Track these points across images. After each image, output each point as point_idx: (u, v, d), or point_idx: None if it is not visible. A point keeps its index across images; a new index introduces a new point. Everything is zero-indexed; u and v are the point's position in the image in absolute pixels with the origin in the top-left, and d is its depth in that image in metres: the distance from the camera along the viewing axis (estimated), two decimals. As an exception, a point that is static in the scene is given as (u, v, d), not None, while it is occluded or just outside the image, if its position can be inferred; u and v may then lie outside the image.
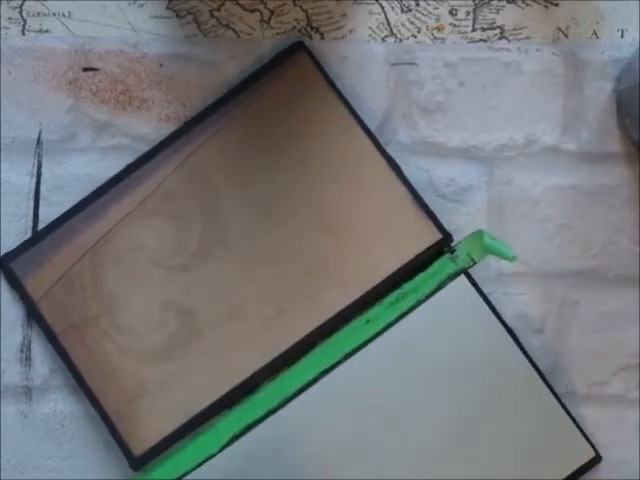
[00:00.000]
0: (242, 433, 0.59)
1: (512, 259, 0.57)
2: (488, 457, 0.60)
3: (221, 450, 0.58)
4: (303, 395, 0.59)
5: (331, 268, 0.60)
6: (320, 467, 0.59)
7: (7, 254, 0.60)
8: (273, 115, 0.60)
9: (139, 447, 0.59)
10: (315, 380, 0.59)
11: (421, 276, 0.59)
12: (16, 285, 0.60)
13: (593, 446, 0.61)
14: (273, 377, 0.59)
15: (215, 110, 0.61)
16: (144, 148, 0.61)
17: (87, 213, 0.60)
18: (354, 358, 0.59)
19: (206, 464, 0.59)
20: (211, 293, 0.60)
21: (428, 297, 0.59)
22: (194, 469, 0.58)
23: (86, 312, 0.60)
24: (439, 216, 0.60)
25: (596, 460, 0.61)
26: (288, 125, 0.60)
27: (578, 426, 0.60)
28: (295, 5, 0.62)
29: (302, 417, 0.59)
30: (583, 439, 0.60)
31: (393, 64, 0.62)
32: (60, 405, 0.61)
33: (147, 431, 0.59)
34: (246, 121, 0.60)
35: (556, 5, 0.62)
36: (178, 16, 0.62)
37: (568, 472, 0.60)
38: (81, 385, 0.60)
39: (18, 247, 0.61)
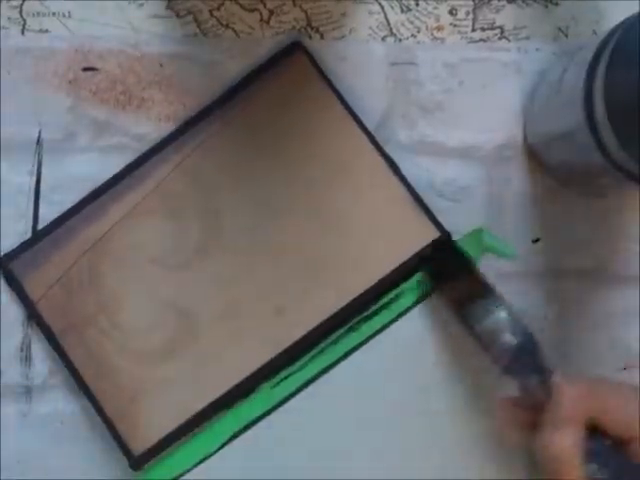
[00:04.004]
0: (240, 432, 0.59)
1: (511, 256, 0.56)
2: (487, 456, 0.60)
3: (219, 449, 0.59)
4: (301, 394, 0.59)
5: (329, 267, 0.60)
6: (317, 466, 0.59)
7: (6, 255, 0.60)
8: (271, 115, 0.60)
9: (139, 446, 0.59)
10: (313, 379, 0.59)
11: (420, 275, 0.59)
12: (15, 285, 0.60)
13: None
14: (272, 377, 0.59)
15: (213, 110, 0.61)
16: (144, 148, 0.61)
17: (86, 213, 0.60)
18: (352, 357, 0.59)
19: (204, 463, 0.59)
20: (210, 292, 0.60)
21: (427, 296, 0.59)
22: (192, 468, 0.59)
23: (85, 312, 0.60)
24: (438, 215, 0.60)
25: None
26: (286, 125, 0.60)
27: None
28: (295, 5, 0.62)
29: (300, 416, 0.59)
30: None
31: (393, 64, 0.62)
32: (60, 405, 0.61)
33: (146, 430, 0.59)
34: (244, 121, 0.60)
35: (556, 5, 0.62)
36: (178, 16, 0.62)
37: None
38: (80, 385, 0.60)
39: (17, 247, 0.61)
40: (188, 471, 0.59)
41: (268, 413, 0.59)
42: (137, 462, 0.59)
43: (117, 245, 0.60)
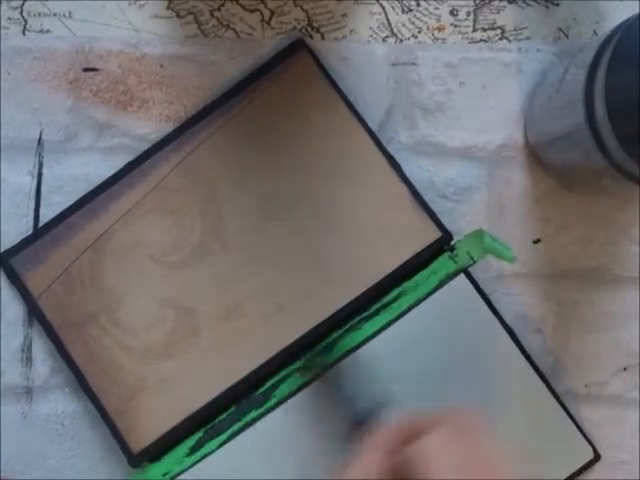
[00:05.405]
0: (240, 431, 0.59)
1: (511, 259, 0.57)
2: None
3: (219, 447, 0.59)
4: (299, 394, 0.59)
5: (331, 266, 0.60)
6: (317, 464, 0.59)
7: (7, 251, 0.61)
8: (274, 113, 0.60)
9: (138, 444, 0.59)
10: (312, 379, 0.59)
11: (421, 274, 0.59)
12: (16, 282, 0.60)
13: (592, 446, 0.61)
14: (271, 376, 0.59)
15: (216, 108, 0.61)
16: (145, 148, 0.61)
17: (87, 210, 0.60)
18: (352, 356, 0.59)
19: (203, 462, 0.59)
20: (210, 290, 0.60)
21: (428, 295, 0.59)
22: (191, 467, 0.59)
23: (86, 309, 0.60)
24: (439, 216, 0.60)
25: (595, 460, 0.61)
26: (288, 123, 0.60)
27: (577, 426, 0.60)
28: (296, 5, 0.62)
29: (298, 416, 0.59)
30: (582, 439, 0.60)
31: (394, 64, 0.62)
32: (61, 405, 0.61)
33: (146, 428, 0.59)
34: (246, 119, 0.61)
35: (557, 5, 0.62)
36: (179, 16, 0.62)
37: (567, 472, 0.60)
38: (80, 382, 0.60)
39: (18, 244, 0.61)
40: (185, 470, 0.59)
41: (267, 412, 0.59)
42: (136, 459, 0.59)
43: (118, 243, 0.60)
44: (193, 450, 0.59)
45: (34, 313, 0.60)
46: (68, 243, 0.60)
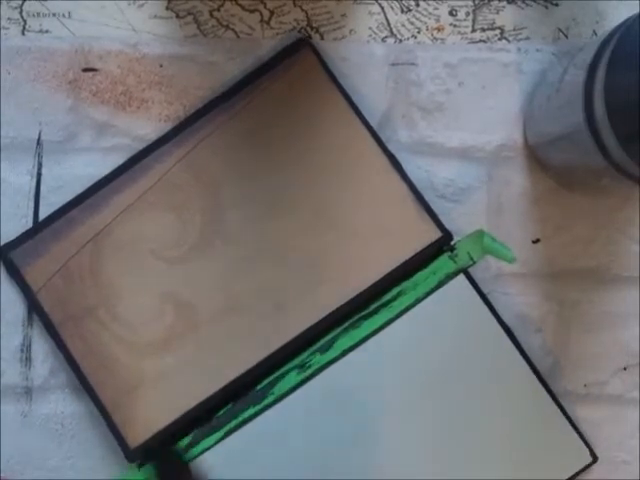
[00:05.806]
0: (237, 427, 0.59)
1: (511, 260, 0.57)
2: (484, 457, 0.60)
3: (215, 444, 0.59)
4: (297, 392, 0.59)
5: (330, 264, 0.60)
6: (312, 467, 0.59)
7: (7, 244, 0.61)
8: (276, 111, 0.61)
9: (135, 439, 0.59)
10: (310, 377, 0.59)
11: (420, 274, 0.59)
12: (16, 275, 0.60)
13: (589, 447, 0.60)
14: (270, 374, 0.59)
15: (218, 104, 0.61)
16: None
17: (88, 204, 0.60)
18: (351, 355, 0.59)
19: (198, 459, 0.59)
20: (210, 286, 0.60)
21: (427, 295, 0.59)
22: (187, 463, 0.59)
23: (85, 303, 0.60)
24: (438, 216, 0.60)
25: (592, 462, 0.61)
26: (290, 121, 0.60)
27: (575, 428, 0.60)
28: (295, 5, 0.62)
29: (296, 415, 0.59)
30: (580, 441, 0.60)
31: (393, 64, 0.62)
32: (60, 405, 0.61)
33: (143, 423, 0.59)
34: (249, 117, 0.61)
35: (556, 5, 0.62)
36: (178, 16, 0.62)
37: (564, 474, 0.60)
38: (78, 376, 0.60)
39: (18, 237, 0.61)
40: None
41: (264, 409, 0.59)
42: (133, 454, 0.59)
43: (118, 237, 0.60)
44: (190, 446, 0.59)
45: (33, 307, 0.60)
46: (68, 237, 0.60)
